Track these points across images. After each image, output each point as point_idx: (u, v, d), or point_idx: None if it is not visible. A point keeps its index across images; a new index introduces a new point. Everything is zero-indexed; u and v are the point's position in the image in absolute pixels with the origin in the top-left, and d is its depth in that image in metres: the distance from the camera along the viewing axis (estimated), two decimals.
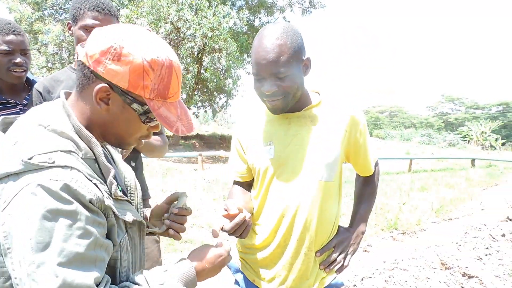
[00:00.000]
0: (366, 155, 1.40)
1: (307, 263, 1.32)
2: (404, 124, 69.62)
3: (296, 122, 1.32)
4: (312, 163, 1.28)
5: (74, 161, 0.75)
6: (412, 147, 23.14)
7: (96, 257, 0.72)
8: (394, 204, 6.83)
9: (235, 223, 1.13)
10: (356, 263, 4.06)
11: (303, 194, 1.28)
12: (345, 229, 1.45)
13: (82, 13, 1.63)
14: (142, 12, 12.13)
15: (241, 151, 1.44)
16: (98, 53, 0.79)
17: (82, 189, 0.72)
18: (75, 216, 0.69)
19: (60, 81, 1.72)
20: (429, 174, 11.96)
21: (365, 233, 4.78)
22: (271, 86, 1.18)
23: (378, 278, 3.46)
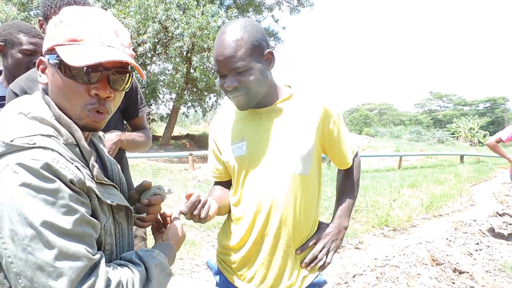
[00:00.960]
0: (342, 147, 1.37)
1: (287, 260, 1.30)
2: (394, 122, 70.33)
3: (268, 117, 1.32)
4: (284, 156, 1.27)
5: (55, 144, 0.75)
6: (402, 144, 23.33)
7: (84, 233, 0.72)
8: (384, 201, 6.86)
9: (190, 202, 1.15)
10: (348, 261, 4.05)
11: (277, 188, 1.27)
12: (326, 225, 1.42)
13: (53, 12, 1.58)
14: (130, 11, 11.99)
15: (217, 151, 1.44)
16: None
17: (63, 169, 0.71)
18: (58, 194, 0.69)
19: (37, 81, 1.65)
20: (419, 171, 12.08)
21: (356, 230, 4.79)
22: (232, 82, 1.19)
23: (369, 275, 3.45)
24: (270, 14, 18.68)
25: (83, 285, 0.67)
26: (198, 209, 1.16)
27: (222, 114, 1.49)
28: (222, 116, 1.48)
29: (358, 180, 1.48)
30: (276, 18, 19.09)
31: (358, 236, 4.90)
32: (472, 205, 7.05)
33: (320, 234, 1.38)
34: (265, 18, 18.69)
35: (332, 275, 3.63)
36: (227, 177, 1.46)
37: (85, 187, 0.76)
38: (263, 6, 17.95)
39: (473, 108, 63.82)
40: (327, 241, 1.37)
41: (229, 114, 1.45)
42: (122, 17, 11.94)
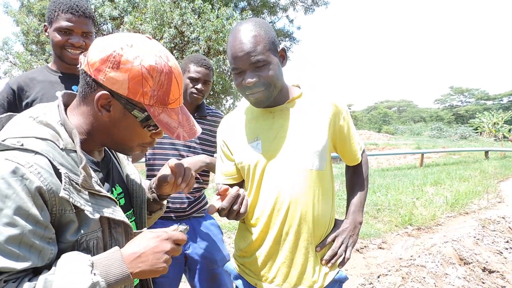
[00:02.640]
0: (352, 143, 1.41)
1: (307, 257, 1.30)
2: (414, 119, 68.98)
3: (280, 115, 1.34)
4: (301, 153, 1.28)
5: (44, 147, 0.76)
6: (423, 142, 22.84)
7: (17, 255, 0.68)
8: (407, 199, 6.72)
9: (231, 197, 1.15)
10: (372, 261, 3.98)
11: (296, 184, 1.27)
12: (342, 221, 1.43)
13: (56, 15, 1.62)
14: (146, 18, 12.17)
15: (228, 152, 1.45)
16: (98, 61, 0.81)
17: (34, 175, 0.70)
18: (6, 202, 0.67)
19: (37, 81, 1.70)
20: (442, 168, 11.77)
21: (379, 230, 4.71)
22: (251, 77, 1.20)
23: (395, 275, 3.38)
24: (285, 15, 18.63)
25: None
26: (238, 203, 1.17)
27: (231, 116, 1.50)
28: (231, 118, 1.49)
29: (368, 176, 1.51)
30: (290, 18, 19.04)
31: (381, 235, 4.82)
32: (500, 202, 6.81)
33: (338, 230, 1.39)
34: (280, 18, 18.68)
35: (356, 276, 3.58)
36: (238, 179, 1.46)
37: (56, 198, 0.74)
38: (277, 7, 17.92)
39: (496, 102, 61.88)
40: (344, 237, 1.38)
41: (238, 115, 1.46)
42: (139, 24, 12.14)
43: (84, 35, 1.69)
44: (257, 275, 1.36)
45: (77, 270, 0.70)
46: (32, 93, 1.68)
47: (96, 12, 13.41)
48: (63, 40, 1.65)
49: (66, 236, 0.77)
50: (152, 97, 0.84)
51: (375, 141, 29.18)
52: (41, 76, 1.73)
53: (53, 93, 1.70)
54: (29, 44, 13.96)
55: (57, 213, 0.75)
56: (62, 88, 1.73)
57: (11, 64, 14.38)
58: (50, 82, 1.72)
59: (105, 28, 15.12)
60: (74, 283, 0.68)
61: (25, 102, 1.67)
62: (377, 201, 6.54)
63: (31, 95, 1.67)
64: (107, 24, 14.54)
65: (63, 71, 1.78)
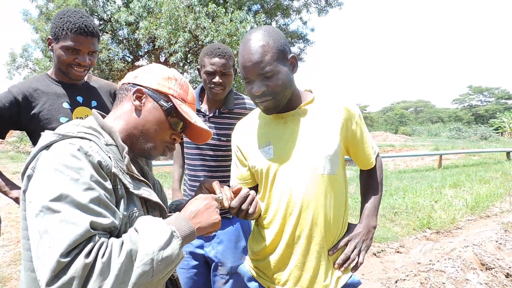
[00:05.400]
0: (365, 147, 1.40)
1: (319, 261, 1.31)
2: (431, 119, 67.76)
3: (292, 120, 1.35)
4: (312, 157, 1.29)
5: (94, 138, 0.91)
6: (441, 143, 22.36)
7: (99, 212, 0.79)
8: (425, 202, 6.56)
9: (240, 197, 1.20)
10: (389, 265, 3.90)
11: (307, 188, 1.28)
12: (355, 225, 1.43)
13: (64, 34, 1.63)
14: (161, 23, 12.31)
15: (242, 157, 1.48)
16: (134, 75, 1.09)
17: (94, 152, 0.85)
18: (81, 172, 0.80)
19: (41, 92, 1.71)
20: (461, 170, 11.49)
21: (397, 234, 4.62)
22: (259, 86, 1.23)
23: (413, 281, 3.30)
24: (298, 17, 18.59)
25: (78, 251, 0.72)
26: (247, 203, 1.21)
27: (244, 121, 1.54)
28: (244, 123, 1.53)
29: (382, 180, 1.50)
30: (304, 20, 18.99)
31: (399, 239, 4.72)
32: None
33: (351, 234, 1.39)
34: (293, 21, 18.65)
35: (373, 280, 3.51)
36: (252, 183, 1.49)
37: (111, 173, 0.88)
38: (290, 9, 17.89)
39: None
40: (358, 241, 1.38)
41: (251, 121, 1.49)
42: (153, 29, 12.30)
43: (90, 54, 1.71)
44: (270, 278, 1.38)
45: (156, 225, 0.84)
46: (38, 104, 1.69)
47: (113, 18, 13.66)
48: (70, 59, 1.67)
49: (120, 209, 0.89)
50: (175, 91, 1.06)
51: (391, 142, 28.75)
52: (44, 86, 1.74)
53: (59, 104, 1.73)
54: (48, 50, 14.27)
55: (115, 188, 0.89)
56: (67, 99, 1.76)
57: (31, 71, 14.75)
58: (55, 93, 1.74)
59: (121, 33, 15.39)
60: (157, 233, 0.81)
61: (32, 112, 1.68)
62: (394, 204, 6.41)
63: (37, 105, 1.68)
64: (123, 29, 14.79)
65: (64, 81, 1.79)
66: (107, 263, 0.73)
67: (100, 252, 0.74)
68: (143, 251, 0.77)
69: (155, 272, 0.77)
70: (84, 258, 0.71)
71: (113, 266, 0.73)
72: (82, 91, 1.83)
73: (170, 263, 0.81)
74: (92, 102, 1.84)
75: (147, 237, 0.80)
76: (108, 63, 14.77)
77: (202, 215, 0.96)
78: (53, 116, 1.69)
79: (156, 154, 1.07)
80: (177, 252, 0.82)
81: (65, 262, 0.70)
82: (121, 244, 0.77)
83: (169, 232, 0.83)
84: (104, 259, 0.73)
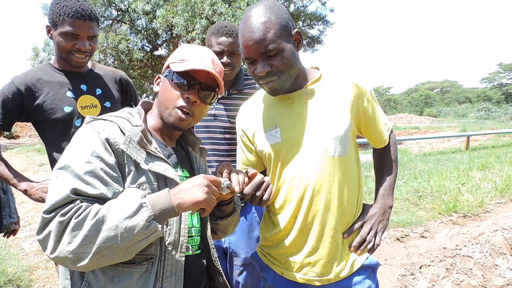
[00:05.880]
0: (378, 124, 1.35)
1: (335, 246, 1.27)
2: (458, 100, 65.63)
3: (299, 101, 1.29)
4: (322, 139, 1.24)
5: (117, 120, 1.06)
6: (469, 124, 21.58)
7: (89, 183, 0.91)
8: (451, 185, 6.34)
9: (254, 184, 1.14)
10: (413, 250, 3.81)
11: (318, 172, 1.23)
12: (371, 206, 1.39)
13: (61, 19, 1.59)
14: (177, 10, 12.27)
15: (248, 142, 1.43)
16: None
17: (104, 131, 1.00)
18: (86, 148, 0.96)
19: (44, 81, 1.69)
20: (490, 151, 11.06)
21: (421, 218, 4.49)
22: (263, 67, 1.17)
23: (438, 266, 3.19)
24: None
25: (60, 211, 0.87)
26: (262, 190, 1.16)
27: (248, 104, 1.47)
28: (249, 106, 1.46)
29: (396, 157, 1.44)
30: (323, 1, 18.46)
31: (424, 223, 4.60)
32: None
33: (366, 216, 1.35)
34: (312, 1, 18.15)
35: (397, 266, 3.43)
36: (260, 168, 1.45)
37: (120, 150, 0.99)
38: None
39: None
40: (373, 222, 1.34)
41: (256, 103, 1.43)
42: (170, 17, 12.27)
43: (89, 38, 1.67)
44: (284, 264, 1.35)
45: (130, 196, 0.92)
46: (41, 94, 1.67)
47: (130, 8, 13.72)
48: (69, 45, 1.63)
49: (127, 182, 0.99)
50: (174, 58, 1.15)
51: (416, 124, 28.03)
52: (47, 76, 1.72)
53: (63, 93, 1.71)
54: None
55: (122, 163, 1.00)
56: (71, 87, 1.73)
57: None
58: (58, 82, 1.72)
59: (139, 23, 15.46)
60: (128, 203, 0.89)
61: (36, 103, 1.67)
62: (419, 187, 6.23)
63: (41, 96, 1.67)
64: (141, 19, 14.84)
65: (67, 69, 1.77)
66: (80, 223, 0.85)
67: (77, 214, 0.86)
68: (111, 218, 0.86)
69: (120, 239, 0.86)
70: (60, 216, 0.86)
71: (84, 227, 0.85)
72: (86, 79, 1.80)
73: (136, 233, 0.87)
74: (96, 90, 1.81)
75: (119, 206, 0.89)
76: (127, 53, 14.89)
77: (185, 192, 0.96)
78: (57, 106, 1.68)
79: (175, 120, 1.12)
80: (144, 223, 0.88)
81: (47, 218, 0.86)
82: (98, 210, 0.87)
83: (138, 203, 0.89)
84: (77, 220, 0.85)
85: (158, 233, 0.92)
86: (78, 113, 1.72)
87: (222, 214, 1.27)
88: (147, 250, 1.01)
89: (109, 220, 0.86)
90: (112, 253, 0.87)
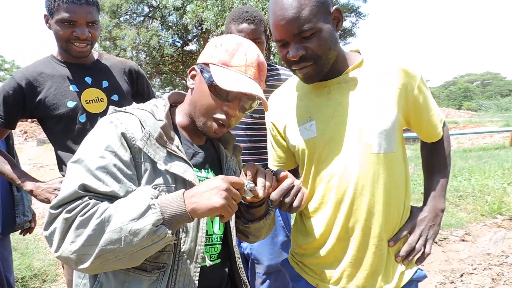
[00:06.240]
0: (431, 115, 1.18)
1: (379, 256, 1.13)
2: (501, 92, 62.40)
3: (338, 89, 1.15)
4: (365, 134, 1.09)
5: (140, 114, 0.99)
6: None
7: (101, 179, 0.86)
8: (496, 184, 5.89)
9: (283, 189, 1.01)
10: (453, 255, 3.55)
11: (360, 172, 1.09)
12: (420, 209, 1.23)
13: (56, 5, 1.49)
14: (207, 5, 12.27)
15: (278, 136, 1.29)
16: None
17: (122, 125, 0.93)
18: (101, 142, 0.90)
19: (46, 75, 1.60)
20: None
21: (462, 220, 4.16)
22: (297, 50, 1.03)
23: (482, 275, 2.93)
24: None
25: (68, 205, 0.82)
26: (291, 196, 1.03)
27: (279, 93, 1.33)
28: (279, 95, 1.32)
29: (450, 153, 1.28)
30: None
31: (464, 226, 4.30)
32: None
33: (414, 220, 1.20)
34: None
35: (434, 272, 3.18)
36: (292, 165, 1.32)
37: (138, 147, 0.93)
38: None
39: None
40: (423, 228, 1.19)
41: (288, 92, 1.28)
42: (200, 12, 12.29)
43: (89, 25, 1.56)
44: (319, 275, 1.21)
45: (140, 196, 0.85)
46: (43, 89, 1.58)
47: (161, 4, 13.88)
48: (67, 33, 1.53)
49: (142, 181, 0.93)
50: (217, 57, 1.00)
51: (454, 119, 26.80)
52: (49, 69, 1.63)
53: (66, 87, 1.61)
54: (102, 40, 14.97)
55: (138, 161, 0.93)
56: (73, 81, 1.63)
57: None
58: (61, 76, 1.62)
59: (170, 19, 15.64)
60: (135, 204, 0.82)
61: (38, 98, 1.58)
62: (459, 186, 5.84)
63: (43, 90, 1.58)
64: (172, 15, 15.02)
65: (70, 61, 1.67)
66: (85, 222, 0.80)
67: (83, 211, 0.81)
68: (117, 219, 0.80)
69: (124, 243, 0.79)
70: (66, 213, 0.81)
71: (89, 226, 0.79)
72: (91, 71, 1.70)
73: (142, 237, 0.79)
74: (103, 83, 1.70)
75: (127, 206, 0.82)
76: (158, 49, 15.12)
77: (201, 195, 0.85)
78: (59, 101, 1.59)
79: (209, 130, 1.03)
80: (150, 227, 0.79)
81: (54, 214, 0.82)
82: (105, 209, 0.81)
83: (146, 205, 0.81)
84: (83, 218, 0.80)
85: (168, 240, 0.83)
86: (82, 108, 1.62)
87: (252, 217, 1.15)
88: (159, 257, 0.93)
89: (114, 220, 0.80)
90: (115, 258, 0.80)
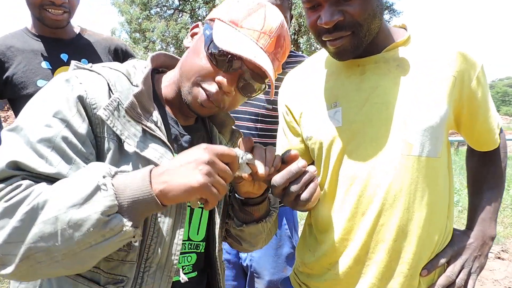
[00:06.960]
0: (488, 117, 0.98)
1: (407, 287, 0.92)
2: None
3: (374, 70, 0.95)
4: (405, 129, 0.89)
5: (110, 75, 0.78)
6: None
7: (43, 155, 0.65)
8: None
9: (290, 171, 0.80)
10: (487, 274, 3.28)
11: (395, 177, 0.89)
12: (464, 233, 1.03)
13: None
14: None
15: (293, 122, 1.08)
16: None
17: (81, 86, 0.72)
18: (49, 106, 0.69)
19: (16, 49, 1.46)
20: None
21: (498, 234, 3.84)
22: (332, 14, 0.82)
23: None
24: None
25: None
26: (301, 184, 0.81)
27: (298, 71, 1.13)
28: (298, 73, 1.11)
29: (505, 166, 1.07)
30: None
31: (501, 242, 4.06)
32: None
33: (456, 247, 0.99)
34: None
35: None
36: (307, 159, 1.06)
37: (97, 114, 0.72)
38: None
39: None
40: (467, 258, 0.98)
41: (309, 70, 1.08)
42: None
43: None
44: None
45: (89, 173, 0.63)
46: (12, 65, 1.45)
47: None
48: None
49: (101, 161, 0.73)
50: (226, 13, 0.81)
51: None
52: (20, 43, 1.48)
53: (37, 64, 1.46)
54: (133, 32, 15.51)
55: (100, 136, 0.73)
56: (47, 57, 1.47)
57: None
58: (32, 50, 1.48)
59: (200, 12, 15.88)
60: (79, 185, 0.61)
61: (5, 76, 1.44)
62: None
63: (11, 67, 1.45)
64: (201, 8, 15.25)
65: (46, 35, 1.52)
66: (11, 209, 0.60)
67: (9, 195, 0.61)
68: (53, 206, 0.60)
69: (61, 239, 0.59)
70: None
71: (16, 215, 0.60)
72: (68, 47, 1.54)
73: (86, 231, 0.59)
74: (81, 61, 1.53)
75: (68, 188, 0.62)
76: None
77: (174, 172, 0.65)
78: (29, 79, 1.45)
79: (193, 101, 0.81)
80: (98, 217, 0.59)
81: None
82: (40, 192, 0.62)
83: (93, 185, 0.60)
84: (7, 204, 0.60)
85: (127, 235, 0.62)
86: None
87: (249, 217, 0.94)
88: (118, 268, 0.73)
89: (49, 208, 0.60)
90: (51, 260, 0.60)
